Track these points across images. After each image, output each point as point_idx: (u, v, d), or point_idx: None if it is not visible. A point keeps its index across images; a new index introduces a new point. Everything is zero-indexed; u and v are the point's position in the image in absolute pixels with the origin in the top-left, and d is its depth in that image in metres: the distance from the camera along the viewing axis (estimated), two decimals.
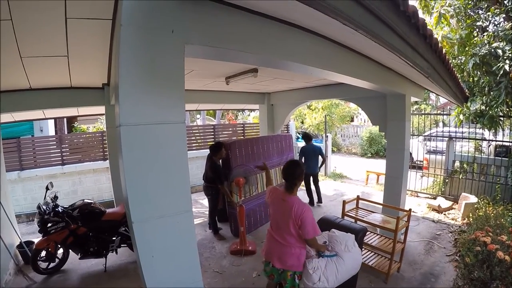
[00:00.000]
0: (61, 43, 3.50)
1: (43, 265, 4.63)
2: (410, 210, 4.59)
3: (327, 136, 11.91)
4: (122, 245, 4.87)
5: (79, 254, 4.65)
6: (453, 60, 7.34)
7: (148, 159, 1.79)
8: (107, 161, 7.40)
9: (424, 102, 15.37)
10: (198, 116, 23.31)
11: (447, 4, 7.11)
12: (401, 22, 2.14)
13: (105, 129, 7.18)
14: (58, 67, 4.26)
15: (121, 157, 1.72)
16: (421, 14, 7.28)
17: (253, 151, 6.45)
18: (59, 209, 4.57)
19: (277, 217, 3.03)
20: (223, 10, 2.04)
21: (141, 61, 1.74)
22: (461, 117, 7.44)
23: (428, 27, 2.62)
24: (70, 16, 2.88)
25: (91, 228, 4.62)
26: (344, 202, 4.86)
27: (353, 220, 4.63)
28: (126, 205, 1.79)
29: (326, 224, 3.79)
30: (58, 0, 2.59)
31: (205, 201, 8.31)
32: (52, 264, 4.72)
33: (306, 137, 7.85)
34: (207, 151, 5.86)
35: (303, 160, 7.66)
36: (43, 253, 4.60)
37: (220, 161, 5.88)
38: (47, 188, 4.78)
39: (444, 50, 5.63)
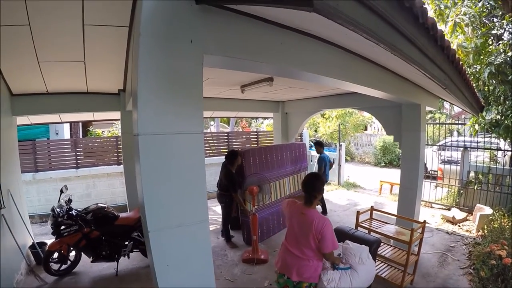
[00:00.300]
0: (78, 49, 3.57)
1: (55, 266, 4.68)
2: (424, 221, 4.52)
3: (341, 145, 11.82)
4: (134, 250, 4.89)
5: (91, 257, 4.69)
6: (468, 69, 7.25)
7: (165, 169, 1.80)
8: (121, 165, 7.48)
9: (438, 111, 15.21)
10: (212, 123, 23.40)
11: (462, 13, 7.03)
12: (420, 34, 2.13)
13: (119, 134, 7.25)
14: (74, 72, 4.34)
15: (139, 166, 1.73)
16: None
17: (267, 159, 6.42)
18: (73, 212, 4.63)
19: (295, 231, 2.98)
20: (241, 20, 2.05)
21: (160, 71, 1.75)
22: (476, 127, 7.34)
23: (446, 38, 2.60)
24: (88, 22, 2.93)
25: (104, 232, 4.66)
26: (358, 213, 4.82)
27: (366, 231, 4.58)
28: (143, 214, 1.80)
29: (340, 234, 3.76)
30: (76, 6, 2.65)
31: (217, 208, 8.31)
32: (64, 266, 4.77)
33: (321, 145, 7.78)
34: (221, 158, 5.88)
35: (324, 168, 7.57)
36: (56, 255, 4.65)
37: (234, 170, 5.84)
38: (61, 191, 4.84)
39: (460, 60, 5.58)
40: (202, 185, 1.96)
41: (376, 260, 4.01)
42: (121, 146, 7.03)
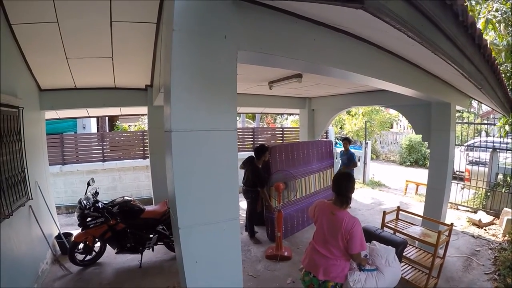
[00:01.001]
0: (106, 45, 3.63)
1: (79, 257, 4.80)
2: (451, 224, 4.40)
3: (367, 143, 11.68)
4: (158, 243, 4.95)
5: (116, 249, 4.78)
6: (500, 67, 7.02)
7: (198, 166, 1.79)
8: (147, 159, 7.59)
9: (466, 110, 14.79)
10: (237, 118, 23.50)
11: (494, 9, 6.79)
12: (459, 33, 2.07)
13: (146, 129, 7.34)
14: (102, 68, 4.42)
15: (171, 162, 1.73)
16: None
17: (293, 156, 6.40)
18: (99, 204, 4.72)
19: (324, 230, 2.94)
20: (274, 16, 2.04)
21: (193, 67, 1.75)
22: (507, 127, 7.10)
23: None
24: (115, 19, 2.97)
25: (129, 224, 4.74)
26: (384, 213, 4.75)
27: (392, 232, 4.51)
28: (173, 210, 1.80)
29: (366, 234, 3.69)
30: (103, 3, 2.68)
31: (242, 204, 8.36)
32: (88, 257, 4.89)
33: (349, 141, 7.88)
34: (246, 154, 5.84)
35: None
36: (81, 246, 4.76)
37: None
38: (88, 184, 4.93)
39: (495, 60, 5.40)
40: (235, 182, 1.95)
41: (401, 262, 3.95)
42: (147, 141, 7.13)
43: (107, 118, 12.59)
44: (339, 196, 2.88)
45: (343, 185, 2.86)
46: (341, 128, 18.04)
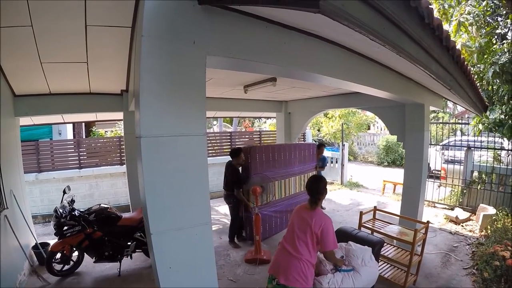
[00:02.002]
0: (81, 50, 3.56)
1: (57, 267, 4.69)
2: (428, 222, 4.50)
3: (344, 145, 11.81)
4: (137, 250, 4.88)
5: (94, 257, 4.69)
6: (472, 69, 7.20)
7: (168, 171, 1.79)
8: (124, 166, 7.49)
9: (442, 110, 15.14)
10: (214, 122, 23.39)
11: (466, 12, 6.98)
12: (425, 35, 2.11)
13: (122, 135, 7.26)
14: (77, 73, 4.34)
15: (141, 168, 1.73)
16: None
17: (274, 158, 6.39)
18: (76, 213, 4.63)
19: (294, 226, 2.98)
20: (244, 21, 2.04)
21: (162, 72, 1.75)
22: (480, 126, 7.30)
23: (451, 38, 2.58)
24: (90, 23, 2.93)
25: (106, 232, 4.66)
26: (361, 213, 4.80)
27: (369, 231, 4.57)
28: (145, 216, 1.79)
29: (343, 235, 3.76)
30: (78, 7, 2.64)
31: (220, 208, 8.37)
32: (66, 267, 4.77)
33: (324, 146, 8.12)
34: (224, 158, 5.85)
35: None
36: (58, 255, 4.66)
37: (240, 168, 5.87)
38: (64, 192, 4.85)
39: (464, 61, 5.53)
40: (205, 187, 1.95)
41: (379, 261, 4.00)
42: (124, 146, 7.04)
43: (83, 124, 12.38)
44: (311, 196, 2.97)
45: (313, 186, 2.99)
46: (318, 130, 18.21)
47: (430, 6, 1.90)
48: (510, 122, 6.50)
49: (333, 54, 2.80)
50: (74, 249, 4.72)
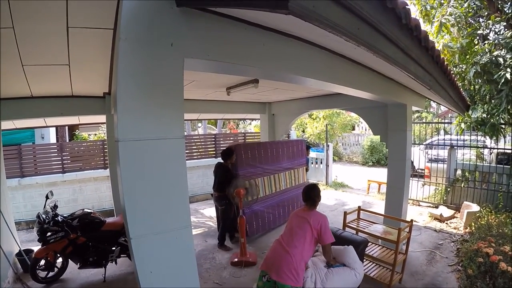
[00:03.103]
0: (63, 52, 3.51)
1: (42, 274, 4.60)
2: (411, 221, 4.55)
3: (328, 145, 11.90)
4: (121, 255, 4.82)
5: (78, 263, 4.62)
6: (454, 69, 7.33)
7: (146, 175, 1.77)
8: (108, 169, 7.40)
9: (425, 110, 15.36)
10: (199, 125, 23.32)
11: (447, 13, 7.10)
12: (403, 36, 2.13)
13: (106, 138, 7.17)
14: (59, 76, 4.27)
15: (120, 172, 1.71)
16: (422, 24, 7.27)
17: (261, 154, 6.51)
18: (59, 218, 4.55)
19: (292, 225, 3.20)
20: (222, 23, 2.04)
21: (140, 75, 1.73)
22: (462, 125, 7.44)
23: (430, 38, 2.61)
24: (72, 25, 2.89)
25: (90, 238, 4.59)
26: (345, 213, 4.83)
27: (354, 231, 4.60)
28: (125, 220, 1.78)
29: None
30: (60, 8, 2.60)
31: (205, 211, 8.33)
32: (51, 273, 4.69)
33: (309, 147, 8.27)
34: (208, 160, 5.84)
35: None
36: (42, 262, 4.58)
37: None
38: (47, 197, 4.76)
39: (445, 60, 5.62)
40: (184, 190, 1.93)
41: (364, 260, 4.03)
42: (107, 150, 6.96)
43: (66, 127, 12.18)
44: (308, 201, 3.33)
45: (309, 193, 3.34)
46: (303, 131, 18.37)
47: (407, 7, 1.91)
48: (492, 120, 6.63)
49: (312, 55, 2.81)
50: (58, 255, 4.64)
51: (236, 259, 5.21)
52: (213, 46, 2.02)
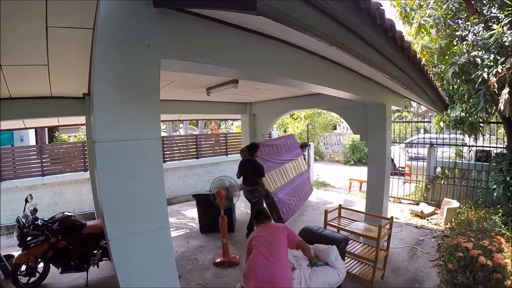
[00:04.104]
0: (42, 52, 3.45)
1: (23, 279, 4.53)
2: (392, 218, 4.62)
3: (309, 145, 11.92)
4: (103, 259, 4.76)
5: (60, 268, 4.55)
6: (433, 69, 7.47)
7: (123, 176, 1.77)
8: (88, 171, 7.29)
9: (406, 110, 15.59)
10: (180, 125, 23.12)
11: (427, 15, 7.23)
12: (378, 36, 2.16)
13: (86, 139, 7.07)
14: (38, 76, 4.20)
15: (97, 173, 1.69)
16: (401, 25, 7.40)
17: (265, 151, 7.25)
18: (39, 222, 4.47)
19: (264, 239, 3.18)
20: (200, 23, 2.03)
21: (116, 76, 1.72)
22: (442, 124, 7.58)
23: (407, 38, 2.65)
24: (51, 24, 2.85)
25: (71, 241, 4.53)
26: (326, 212, 4.87)
27: (335, 230, 4.65)
28: (103, 221, 1.76)
29: (308, 234, 3.81)
30: (39, 7, 2.57)
31: (188, 212, 8.31)
32: (32, 279, 4.61)
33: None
34: (190, 161, 5.84)
35: None
36: (23, 267, 4.50)
37: None
38: (26, 201, 4.69)
39: (423, 60, 5.71)
40: (161, 191, 1.93)
41: (346, 257, 4.08)
42: (87, 152, 6.86)
43: (46, 129, 11.95)
44: (265, 220, 3.61)
45: (261, 216, 3.62)
46: (284, 131, 18.48)
47: (381, 8, 1.93)
48: (470, 119, 6.78)
49: (290, 55, 2.82)
50: (39, 260, 4.55)
51: (219, 260, 5.21)
52: (190, 46, 2.02)
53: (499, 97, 4.87)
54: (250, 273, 3.02)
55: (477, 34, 7.71)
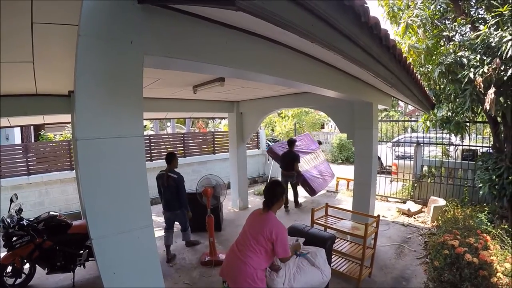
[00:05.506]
0: (27, 49, 3.40)
1: (9, 281, 4.48)
2: (378, 216, 4.66)
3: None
4: (90, 259, 4.71)
5: (46, 269, 4.50)
6: (420, 69, 7.54)
7: (106, 174, 1.74)
8: (74, 170, 7.20)
9: (393, 109, 15.73)
10: (168, 124, 22.99)
11: (414, 15, 7.29)
12: (362, 34, 2.17)
13: (71, 138, 6.98)
14: (23, 73, 4.13)
15: (79, 171, 1.67)
16: (389, 25, 7.45)
17: (298, 145, 9.95)
18: (24, 222, 4.41)
19: (247, 232, 2.98)
20: (185, 20, 2.01)
21: (99, 73, 1.70)
22: (428, 123, 7.66)
23: (395, 38, 2.66)
24: (37, 20, 2.81)
25: (57, 241, 4.48)
26: (313, 210, 4.89)
27: (322, 228, 4.65)
28: (86, 220, 1.74)
29: (295, 232, 3.82)
30: (24, 4, 2.53)
31: None
32: (18, 280, 4.56)
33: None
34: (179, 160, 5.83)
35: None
36: (9, 269, 4.45)
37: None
38: (11, 201, 4.62)
39: (410, 60, 5.76)
40: (144, 189, 1.90)
41: (333, 255, 4.10)
42: (73, 150, 6.77)
43: (32, 128, 11.77)
44: (266, 200, 3.01)
45: (270, 189, 3.06)
46: (272, 130, 18.53)
47: (365, 5, 1.93)
48: (456, 118, 6.86)
49: (275, 53, 2.80)
50: (25, 261, 4.50)
51: (206, 259, 5.20)
52: (174, 43, 2.00)
53: (485, 97, 4.93)
54: (222, 266, 3.06)
55: (464, 35, 7.80)
